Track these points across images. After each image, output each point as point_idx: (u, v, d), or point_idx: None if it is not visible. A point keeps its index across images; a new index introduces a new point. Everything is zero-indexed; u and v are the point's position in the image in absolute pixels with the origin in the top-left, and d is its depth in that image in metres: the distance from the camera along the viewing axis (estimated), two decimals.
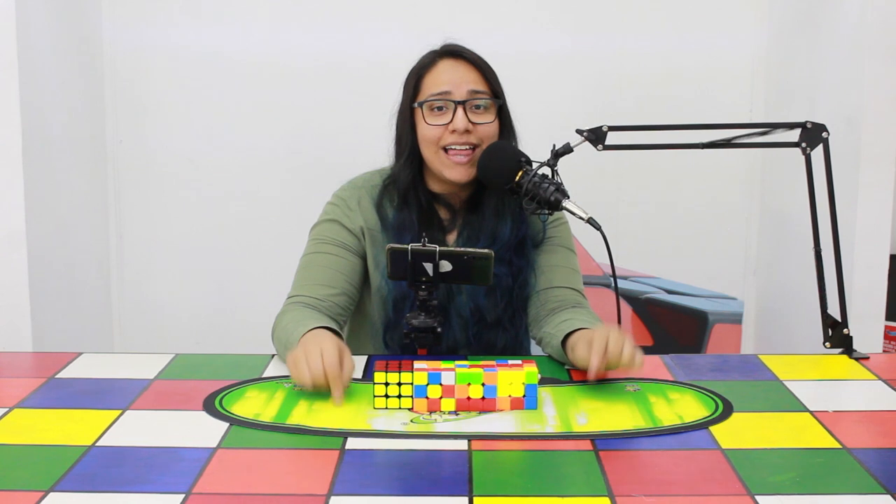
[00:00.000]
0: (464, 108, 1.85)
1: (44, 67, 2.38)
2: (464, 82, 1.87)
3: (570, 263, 1.97)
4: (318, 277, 1.90)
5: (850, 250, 2.15)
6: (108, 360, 1.85)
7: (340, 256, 1.91)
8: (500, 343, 1.94)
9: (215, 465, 1.33)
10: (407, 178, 1.91)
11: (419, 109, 1.88)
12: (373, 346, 1.98)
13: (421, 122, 1.88)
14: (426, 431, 1.45)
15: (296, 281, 1.93)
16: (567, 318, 1.82)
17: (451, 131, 1.85)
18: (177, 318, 2.89)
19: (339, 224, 1.93)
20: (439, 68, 1.89)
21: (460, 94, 1.86)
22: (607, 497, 1.23)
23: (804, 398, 1.60)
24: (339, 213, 1.94)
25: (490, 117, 1.88)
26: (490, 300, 1.91)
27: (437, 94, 1.87)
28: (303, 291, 1.89)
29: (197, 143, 2.82)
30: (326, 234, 1.94)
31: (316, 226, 1.97)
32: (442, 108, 1.87)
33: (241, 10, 2.78)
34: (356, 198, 1.95)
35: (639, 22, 2.80)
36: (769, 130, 1.88)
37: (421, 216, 1.91)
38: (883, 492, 1.25)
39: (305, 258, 1.94)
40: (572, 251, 1.99)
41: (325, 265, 1.91)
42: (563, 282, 1.94)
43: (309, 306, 1.85)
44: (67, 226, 2.54)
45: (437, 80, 1.88)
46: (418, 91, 1.90)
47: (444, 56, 1.90)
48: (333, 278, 1.90)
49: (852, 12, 2.26)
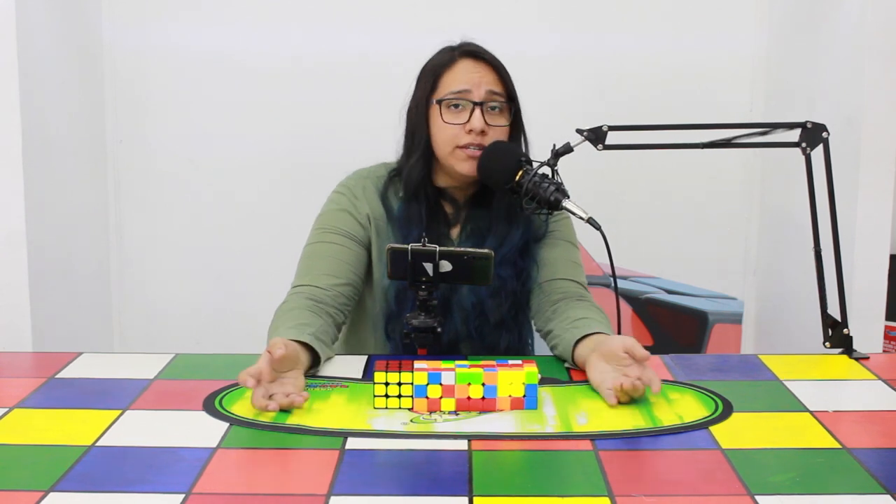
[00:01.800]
0: (481, 108, 1.86)
1: (44, 67, 2.38)
2: (483, 83, 1.87)
3: (572, 256, 1.97)
4: (324, 267, 1.88)
5: (850, 250, 2.15)
6: (108, 360, 1.86)
7: (346, 246, 1.91)
8: (503, 344, 1.93)
9: (215, 465, 1.33)
10: (418, 174, 1.91)
11: (437, 106, 1.88)
12: (373, 339, 1.98)
13: (437, 120, 1.88)
14: (426, 431, 1.45)
15: (300, 270, 1.91)
16: (578, 315, 1.80)
17: (468, 131, 1.85)
18: (177, 318, 2.88)
19: (345, 213, 1.93)
20: (459, 67, 1.89)
21: (479, 94, 1.86)
22: (607, 497, 1.23)
23: (804, 398, 1.60)
24: (346, 201, 1.94)
25: (504, 120, 1.89)
26: (494, 301, 1.91)
27: (456, 92, 1.87)
28: (308, 281, 1.87)
29: (197, 143, 2.82)
30: (332, 223, 1.93)
31: (321, 215, 1.96)
32: (458, 106, 1.87)
33: (241, 10, 2.78)
34: (361, 187, 1.95)
35: (639, 22, 2.80)
36: (769, 130, 1.88)
37: (427, 210, 1.91)
38: (883, 492, 1.25)
39: (310, 247, 1.93)
40: (574, 245, 1.99)
41: (330, 255, 1.90)
42: (566, 274, 1.93)
43: (313, 298, 1.84)
44: (67, 226, 2.54)
45: (457, 78, 1.88)
46: (436, 88, 1.90)
47: (463, 55, 1.90)
48: (339, 268, 1.89)
49: (852, 12, 2.26)
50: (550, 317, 1.87)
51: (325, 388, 1.63)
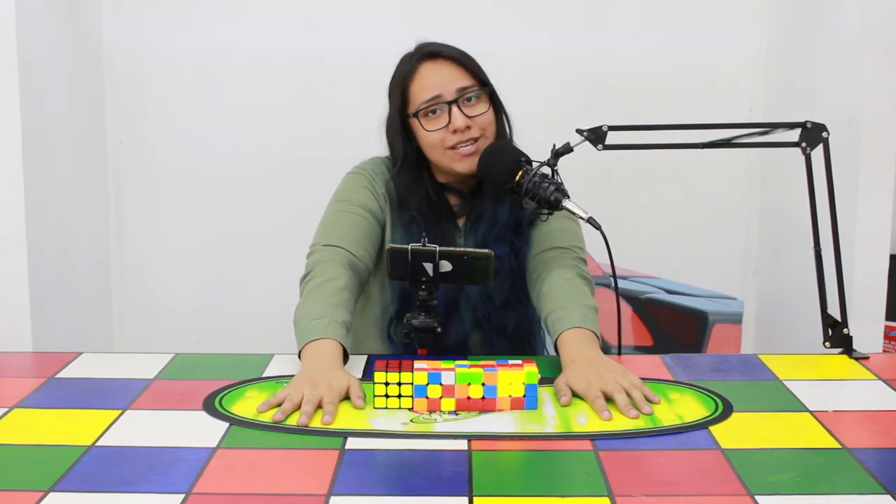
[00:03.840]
0: (457, 105, 1.85)
1: (44, 67, 2.38)
2: (450, 81, 1.87)
3: (564, 226, 1.93)
4: (352, 234, 1.87)
5: (850, 250, 2.15)
6: (108, 360, 1.85)
7: (368, 220, 1.90)
8: (510, 324, 1.93)
9: (215, 465, 1.33)
10: (406, 182, 1.92)
11: (415, 120, 1.88)
12: (374, 338, 1.97)
13: (420, 131, 1.89)
14: (426, 431, 1.45)
15: (327, 230, 1.88)
16: (552, 308, 1.76)
17: (453, 131, 1.86)
18: (177, 318, 2.88)
19: (365, 189, 1.93)
20: (422, 73, 1.89)
21: (450, 93, 1.86)
22: (607, 497, 1.23)
23: (804, 398, 1.60)
24: (364, 179, 1.94)
25: (484, 107, 1.89)
26: (496, 282, 1.90)
27: (427, 100, 1.87)
28: (339, 242, 1.84)
29: (197, 142, 2.82)
30: (353, 196, 1.92)
31: (339, 190, 1.95)
32: (436, 111, 1.87)
33: (241, 9, 2.78)
34: (379, 171, 1.96)
35: (639, 22, 2.80)
36: (769, 130, 1.88)
37: (430, 208, 1.92)
38: (883, 492, 1.25)
39: (335, 214, 1.90)
40: (572, 220, 1.93)
41: (356, 225, 1.88)
42: (556, 242, 1.90)
43: (348, 263, 1.81)
44: (67, 226, 2.54)
45: (424, 85, 1.88)
46: (407, 101, 1.90)
47: (422, 59, 1.90)
48: (364, 239, 1.88)
49: (852, 12, 2.26)
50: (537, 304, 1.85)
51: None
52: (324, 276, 1.78)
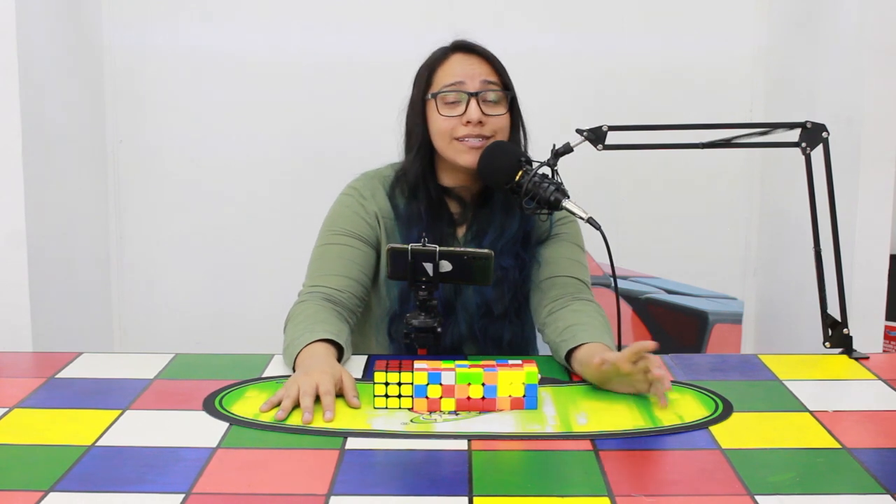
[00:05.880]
0: (477, 99, 1.86)
1: (44, 67, 2.38)
2: (477, 74, 1.88)
3: (574, 255, 1.96)
4: (336, 268, 1.89)
5: (850, 250, 2.15)
6: (108, 360, 1.85)
7: (355, 248, 1.91)
8: (506, 337, 1.94)
9: (215, 465, 1.33)
10: (417, 170, 1.92)
11: (432, 101, 1.89)
12: (375, 339, 1.98)
13: (434, 114, 1.89)
14: (426, 431, 1.45)
15: (312, 270, 1.91)
16: (568, 323, 1.79)
17: (465, 123, 1.86)
18: (177, 318, 2.88)
19: (353, 213, 1.93)
20: (452, 61, 1.90)
21: (473, 85, 1.87)
22: (607, 497, 1.23)
23: (804, 398, 1.60)
24: (354, 202, 1.94)
25: (502, 109, 1.89)
26: (497, 292, 1.90)
27: (450, 84, 1.88)
28: (321, 282, 1.87)
29: (197, 142, 2.82)
30: (341, 224, 1.93)
31: (329, 217, 1.96)
32: (455, 101, 1.87)
33: (241, 9, 2.78)
34: (370, 188, 1.96)
35: (639, 21, 2.80)
36: (769, 130, 1.88)
37: (431, 209, 1.91)
38: (883, 492, 1.25)
39: (321, 248, 1.93)
40: (579, 246, 1.98)
41: (341, 256, 1.90)
42: (564, 271, 1.92)
43: (328, 299, 1.84)
44: (67, 226, 2.54)
45: (451, 71, 1.89)
46: (431, 84, 1.91)
47: (456, 50, 1.92)
48: (350, 269, 1.89)
49: (852, 11, 2.26)
50: (546, 321, 1.86)
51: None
52: (304, 314, 1.80)
